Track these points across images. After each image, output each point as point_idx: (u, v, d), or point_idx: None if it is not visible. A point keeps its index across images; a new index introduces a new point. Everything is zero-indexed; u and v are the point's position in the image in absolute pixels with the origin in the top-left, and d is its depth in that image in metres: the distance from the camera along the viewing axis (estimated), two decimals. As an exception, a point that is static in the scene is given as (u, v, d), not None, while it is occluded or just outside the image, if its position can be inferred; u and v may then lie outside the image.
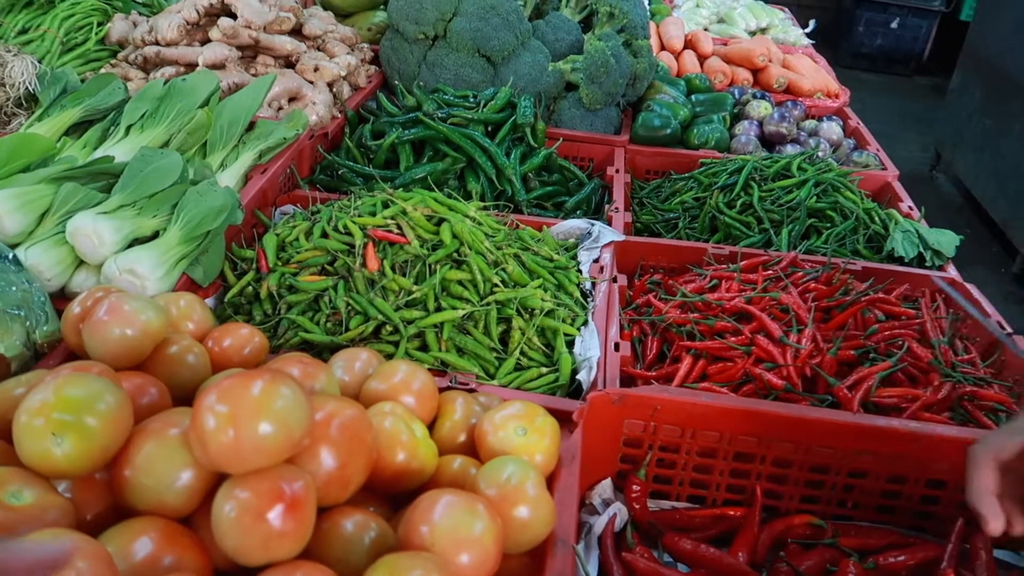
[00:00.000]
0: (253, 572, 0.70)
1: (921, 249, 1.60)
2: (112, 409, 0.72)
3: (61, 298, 1.17)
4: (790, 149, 2.01)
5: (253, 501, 0.68)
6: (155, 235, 1.24)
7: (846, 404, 1.10)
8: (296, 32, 1.94)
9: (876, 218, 1.69)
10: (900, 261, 1.59)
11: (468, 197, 1.61)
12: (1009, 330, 1.31)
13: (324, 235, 1.27)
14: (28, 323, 1.01)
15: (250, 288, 1.26)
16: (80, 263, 1.18)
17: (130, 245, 1.20)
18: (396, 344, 1.18)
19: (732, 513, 1.09)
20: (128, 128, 1.47)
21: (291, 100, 1.77)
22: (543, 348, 1.23)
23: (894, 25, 6.75)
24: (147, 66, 1.80)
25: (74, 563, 0.57)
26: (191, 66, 1.74)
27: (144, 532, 0.69)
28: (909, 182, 1.75)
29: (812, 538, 1.06)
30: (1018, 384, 1.23)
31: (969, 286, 1.44)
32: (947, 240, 1.61)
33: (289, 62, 1.86)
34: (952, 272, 1.55)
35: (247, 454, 0.68)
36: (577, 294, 1.32)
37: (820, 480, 1.09)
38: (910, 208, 1.78)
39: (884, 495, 1.08)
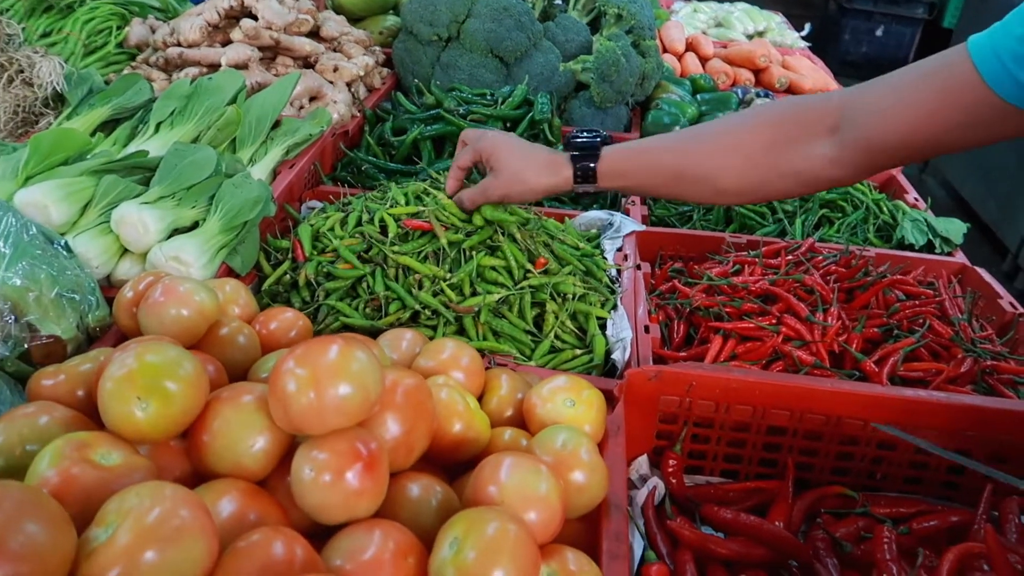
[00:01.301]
0: (330, 531, 0.72)
1: (930, 236, 1.65)
2: (191, 375, 0.75)
3: (106, 286, 1.19)
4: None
5: (333, 461, 0.71)
6: (194, 225, 1.26)
7: (874, 378, 1.14)
8: (313, 34, 1.97)
9: (884, 208, 1.74)
10: (910, 249, 1.63)
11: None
12: (1022, 310, 1.36)
13: (359, 224, 1.30)
14: (82, 307, 1.03)
15: (287, 277, 1.29)
16: (124, 252, 1.20)
17: (171, 235, 1.23)
18: (434, 328, 1.20)
19: (765, 486, 1.13)
20: (158, 125, 1.50)
21: (312, 99, 1.80)
22: (576, 331, 1.26)
23: (879, 33, 6.88)
24: (168, 67, 1.83)
25: (179, 512, 0.59)
26: (213, 67, 1.77)
27: (227, 492, 0.71)
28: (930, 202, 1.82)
29: (844, 508, 1.10)
30: (1033, 361, 1.27)
31: (979, 270, 1.49)
32: (955, 228, 1.66)
33: (308, 63, 1.89)
34: (961, 258, 1.59)
35: (328, 415, 0.71)
36: (606, 280, 1.36)
37: (850, 452, 1.12)
38: (916, 199, 1.83)
39: (911, 466, 1.12)
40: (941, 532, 1.03)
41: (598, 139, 1.19)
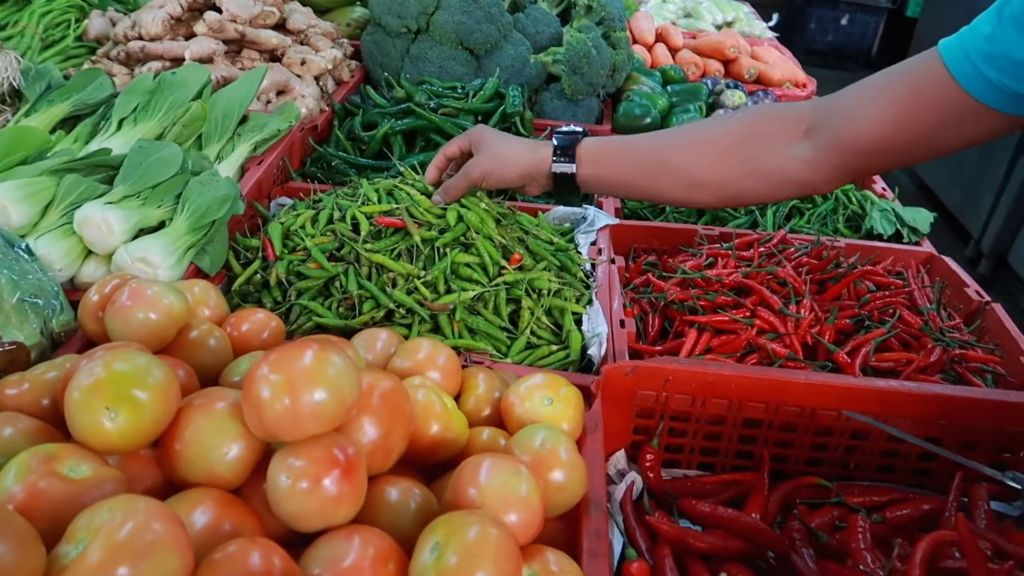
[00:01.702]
0: (308, 539, 0.71)
1: (899, 226, 1.67)
2: (161, 383, 0.73)
3: (71, 289, 1.16)
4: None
5: (310, 468, 0.70)
6: (161, 225, 1.24)
7: (847, 369, 1.15)
8: (280, 27, 1.93)
9: (853, 199, 1.75)
10: (879, 239, 1.66)
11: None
12: (988, 299, 1.38)
13: (330, 221, 1.28)
14: (45, 312, 1.01)
15: (258, 276, 1.26)
16: (88, 254, 1.17)
17: (136, 235, 1.20)
18: (409, 327, 1.19)
19: (742, 478, 1.14)
20: (120, 122, 1.46)
21: (279, 93, 1.77)
22: (552, 327, 1.26)
23: (844, 22, 6.96)
24: (130, 62, 1.79)
25: (152, 526, 0.58)
26: (177, 60, 1.73)
27: (201, 502, 0.70)
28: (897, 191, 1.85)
29: (818, 498, 1.11)
30: (999, 346, 1.29)
31: (947, 259, 1.52)
32: (922, 217, 1.69)
33: (274, 56, 1.86)
34: (928, 247, 1.62)
35: (304, 421, 0.70)
36: (580, 274, 1.36)
37: (824, 443, 1.13)
38: (884, 189, 1.85)
39: (884, 455, 1.14)
40: (914, 520, 1.05)
41: (580, 132, 1.23)
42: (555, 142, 1.20)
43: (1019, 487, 0.71)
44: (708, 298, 1.28)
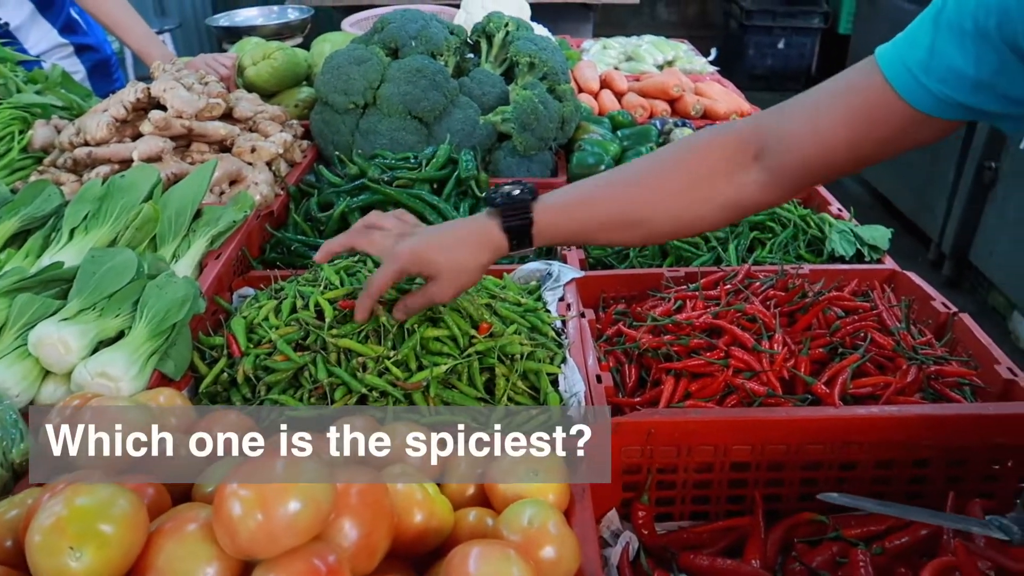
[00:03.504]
0: (297, 657, 0.68)
1: (859, 246, 1.69)
2: (127, 513, 0.70)
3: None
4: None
5: (290, 583, 0.67)
6: (119, 335, 1.21)
7: (826, 400, 1.15)
8: (227, 116, 1.94)
9: (812, 223, 1.78)
10: (841, 260, 1.67)
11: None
12: (955, 310, 1.40)
13: (293, 310, 1.27)
14: (4, 443, 0.97)
15: (224, 375, 1.24)
16: (46, 374, 1.14)
17: (95, 348, 1.17)
18: (383, 407, 1.17)
19: (737, 523, 1.12)
20: (72, 231, 1.44)
21: (232, 183, 1.76)
22: (528, 391, 1.24)
23: (781, 45, 7.18)
24: (78, 168, 1.77)
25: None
26: (125, 162, 1.72)
27: (179, 636, 0.67)
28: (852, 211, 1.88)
29: (816, 534, 1.10)
30: (972, 358, 1.30)
31: (909, 274, 1.53)
32: (880, 235, 1.71)
33: (224, 146, 1.86)
34: (890, 264, 1.64)
35: (279, 536, 0.68)
36: (551, 333, 1.35)
37: (814, 478, 1.12)
38: (839, 210, 1.88)
39: (874, 481, 1.13)
40: (913, 546, 1.04)
41: (524, 195, 1.13)
42: (507, 232, 1.11)
43: (1005, 537, 0.70)
44: (681, 342, 1.28)
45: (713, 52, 3.34)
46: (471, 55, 2.37)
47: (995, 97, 0.83)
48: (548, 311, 1.41)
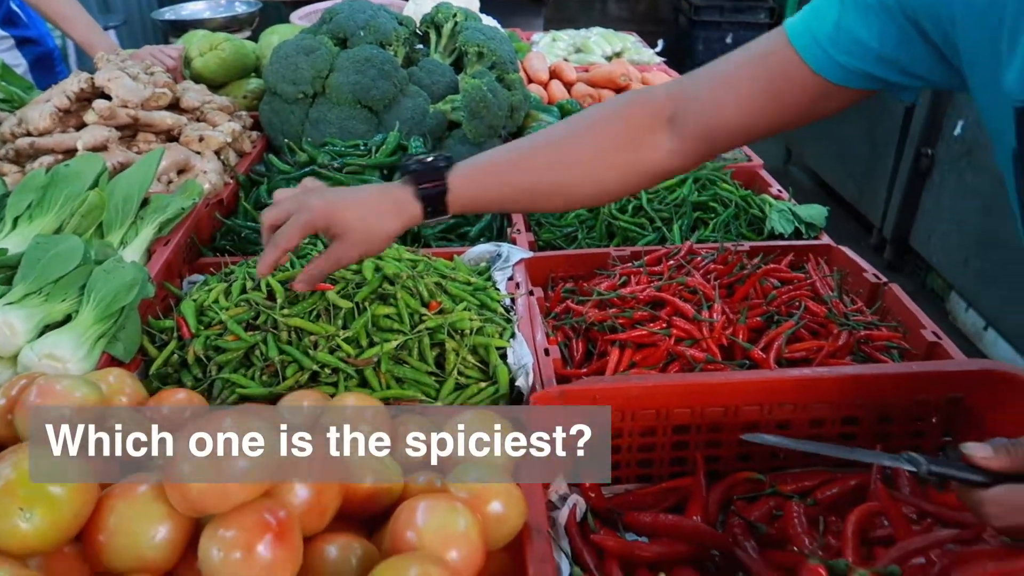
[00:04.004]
0: (250, 610, 0.70)
1: (796, 224, 1.76)
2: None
3: (-23, 396, 1.11)
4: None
5: (241, 536, 0.69)
6: (67, 319, 1.21)
7: (763, 364, 1.20)
8: (174, 107, 1.93)
9: (753, 203, 1.84)
10: (780, 238, 1.74)
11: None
12: (885, 280, 1.47)
13: (243, 292, 1.28)
14: (-50, 423, 0.97)
15: (175, 357, 1.24)
16: (-8, 358, 1.14)
17: (42, 332, 1.17)
18: (335, 385, 1.19)
19: (680, 484, 1.16)
20: (15, 220, 1.42)
21: (180, 172, 1.75)
22: (478, 365, 1.28)
23: (729, 40, 7.33)
24: (20, 159, 1.75)
25: (78, 620, 0.57)
26: (69, 152, 1.70)
27: (131, 590, 0.68)
28: (791, 191, 1.94)
29: (754, 492, 1.15)
30: (901, 324, 1.37)
31: (844, 248, 1.60)
32: (817, 213, 1.78)
33: (171, 136, 1.85)
34: (826, 240, 1.71)
35: (230, 490, 0.69)
36: (500, 310, 1.38)
37: (752, 437, 1.17)
38: (779, 191, 1.95)
39: (808, 438, 1.18)
40: (844, 497, 1.09)
41: (439, 163, 1.12)
42: (422, 200, 1.09)
43: (913, 469, 0.76)
44: (626, 315, 1.32)
45: (660, 43, 3.41)
46: (420, 45, 2.39)
47: (897, 71, 0.88)
48: (497, 290, 1.45)
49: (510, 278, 1.50)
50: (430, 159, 1.11)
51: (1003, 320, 3.36)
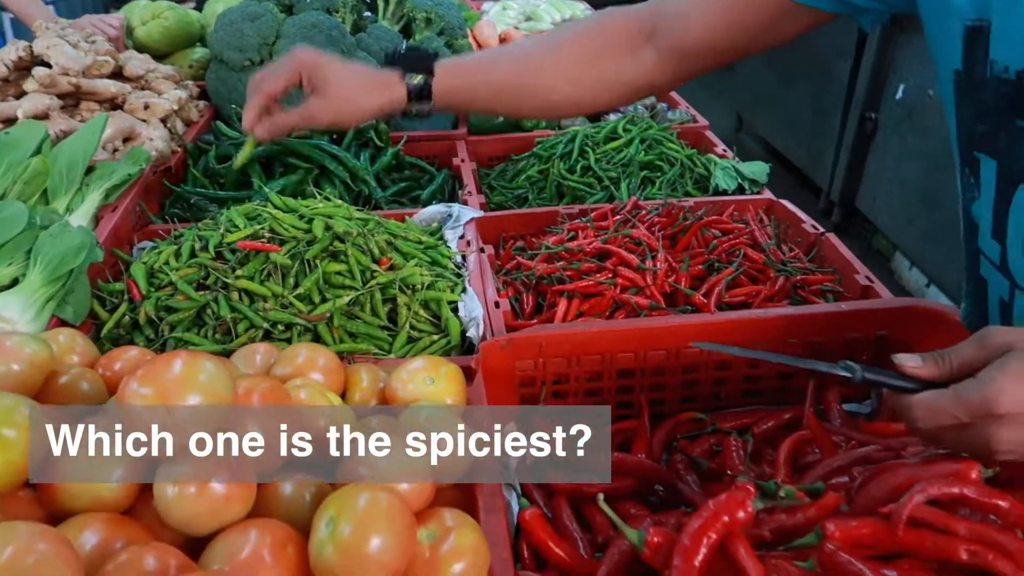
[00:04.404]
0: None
1: (740, 181, 1.81)
2: (30, 419, 0.73)
3: (-76, 361, 1.11)
4: (613, 117, 2.19)
5: (196, 472, 0.71)
6: (14, 283, 1.20)
7: (704, 308, 1.25)
8: (117, 75, 1.90)
9: (698, 162, 1.89)
10: (724, 194, 1.79)
11: (327, 203, 1.65)
12: (823, 230, 1.53)
13: (193, 254, 1.28)
14: (-103, 385, 0.97)
15: (126, 319, 1.25)
16: (-62, 322, 1.13)
17: (-11, 297, 1.16)
18: (289, 341, 1.21)
19: (626, 426, 1.21)
20: (-44, 189, 1.41)
21: (126, 141, 1.74)
22: (430, 319, 1.30)
23: (681, 11, 7.38)
24: (-41, 130, 1.71)
25: (35, 547, 0.59)
26: (9, 122, 1.67)
27: (88, 525, 0.70)
28: (735, 149, 1.99)
29: (696, 431, 1.20)
30: (837, 271, 1.43)
31: (784, 202, 1.66)
32: (759, 169, 1.84)
33: (115, 104, 1.82)
34: (768, 195, 1.76)
35: (182, 429, 0.71)
36: (452, 267, 1.41)
37: (694, 380, 1.23)
38: (724, 150, 2.00)
39: (747, 380, 1.24)
40: (779, 430, 1.15)
41: (428, 53, 1.17)
42: (408, 81, 1.14)
43: (848, 375, 0.80)
44: (573, 267, 1.36)
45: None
46: (368, 13, 2.38)
47: None
48: (449, 247, 1.47)
49: (461, 236, 1.52)
50: (419, 48, 1.16)
51: (944, 276, 3.49)
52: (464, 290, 1.35)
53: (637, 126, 1.92)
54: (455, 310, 1.32)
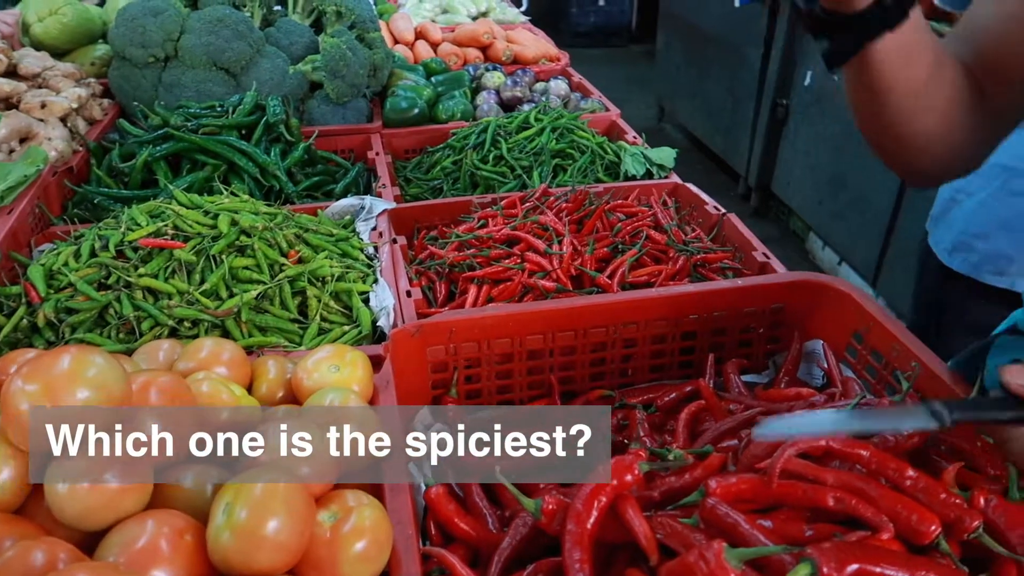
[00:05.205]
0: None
1: (648, 166, 1.86)
2: (-91, 423, 0.71)
3: None
4: (526, 108, 2.23)
5: (87, 466, 0.71)
6: (-100, 290, 1.16)
7: (608, 289, 1.29)
8: (11, 74, 1.83)
9: (608, 150, 1.93)
10: (633, 180, 1.84)
11: (237, 199, 1.63)
12: (724, 211, 1.59)
13: (94, 254, 1.26)
14: None
15: (24, 322, 1.22)
16: None
17: None
18: (196, 337, 1.20)
19: (538, 406, 1.24)
20: None
21: (23, 141, 1.68)
22: (342, 311, 1.31)
23: (602, 3, 7.48)
24: None
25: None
26: None
27: (-25, 527, 0.69)
28: (644, 136, 2.03)
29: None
30: (737, 249, 1.49)
31: (688, 185, 1.72)
32: (666, 155, 1.89)
33: (10, 104, 1.76)
34: (674, 179, 1.82)
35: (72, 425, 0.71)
36: (363, 258, 1.42)
37: (602, 357, 1.27)
38: (634, 137, 2.06)
39: (652, 356, 1.29)
40: (682, 402, 1.20)
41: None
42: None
43: (937, 424, 0.71)
44: (483, 254, 1.38)
45: (524, 2, 3.47)
46: (278, 7, 2.35)
47: None
48: (360, 239, 1.48)
49: (374, 228, 1.53)
50: None
51: (853, 254, 3.65)
52: (376, 281, 1.36)
53: (548, 115, 1.95)
54: (366, 301, 1.32)
